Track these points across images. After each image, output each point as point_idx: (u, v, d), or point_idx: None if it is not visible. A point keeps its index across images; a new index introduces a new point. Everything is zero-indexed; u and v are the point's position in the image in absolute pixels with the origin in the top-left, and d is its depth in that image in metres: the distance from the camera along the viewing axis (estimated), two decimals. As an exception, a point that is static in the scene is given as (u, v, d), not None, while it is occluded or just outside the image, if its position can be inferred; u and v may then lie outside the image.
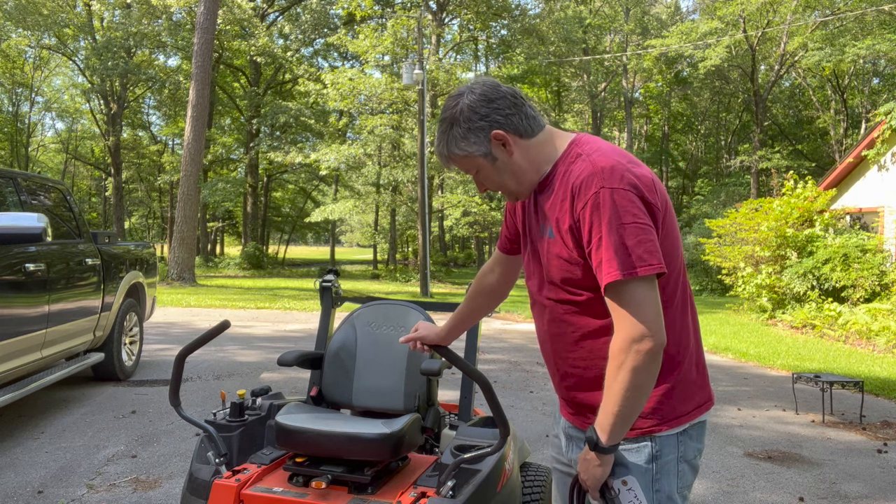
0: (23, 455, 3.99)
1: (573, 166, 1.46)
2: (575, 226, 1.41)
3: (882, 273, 10.85)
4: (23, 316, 4.28)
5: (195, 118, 18.68)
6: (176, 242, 19.00)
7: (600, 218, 1.36)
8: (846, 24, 24.53)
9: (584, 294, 1.46)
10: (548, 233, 1.49)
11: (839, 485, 3.89)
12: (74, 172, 41.04)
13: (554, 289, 1.51)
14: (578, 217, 1.40)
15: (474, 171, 1.53)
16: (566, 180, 1.45)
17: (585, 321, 1.48)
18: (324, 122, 29.61)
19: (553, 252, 1.48)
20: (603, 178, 1.37)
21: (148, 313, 6.94)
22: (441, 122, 1.53)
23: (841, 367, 7.62)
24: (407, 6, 28.43)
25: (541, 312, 1.58)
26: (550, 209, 1.48)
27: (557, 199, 1.46)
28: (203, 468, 2.48)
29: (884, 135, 12.31)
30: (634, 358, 1.34)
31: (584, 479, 1.45)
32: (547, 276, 1.51)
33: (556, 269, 1.48)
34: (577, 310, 1.48)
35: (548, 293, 1.53)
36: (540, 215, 1.54)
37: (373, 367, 2.85)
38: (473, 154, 1.50)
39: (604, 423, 1.39)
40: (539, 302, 1.58)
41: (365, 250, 64.00)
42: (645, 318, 1.34)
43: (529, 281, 1.63)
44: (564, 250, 1.45)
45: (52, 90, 37.12)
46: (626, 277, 1.32)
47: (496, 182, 1.53)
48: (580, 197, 1.39)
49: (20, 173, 5.10)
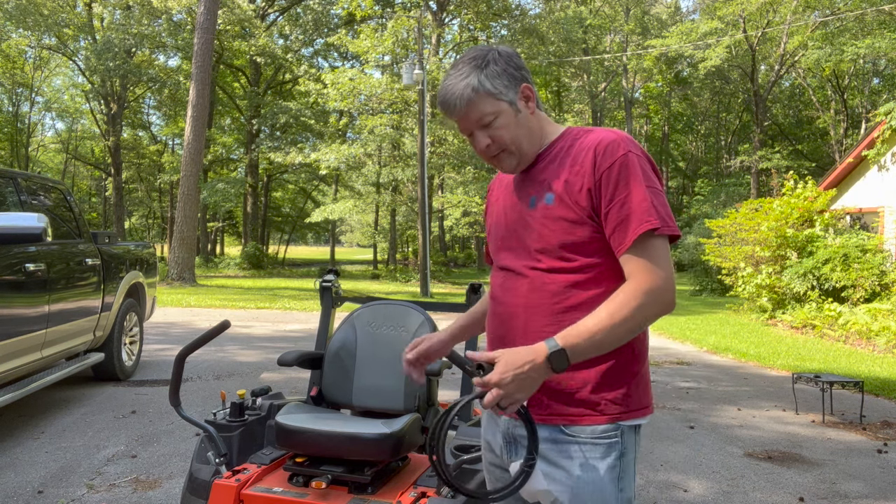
0: (23, 455, 3.99)
1: (586, 137, 1.47)
2: (595, 185, 1.40)
3: (882, 273, 10.85)
4: (23, 316, 4.28)
5: (195, 118, 18.68)
6: (176, 242, 18.99)
7: (629, 176, 1.38)
8: (846, 24, 24.53)
9: (579, 260, 1.42)
10: (545, 199, 1.46)
11: (839, 485, 3.89)
12: (74, 172, 41.03)
13: (544, 256, 1.45)
14: (602, 175, 1.39)
15: (492, 118, 1.45)
16: (579, 146, 1.45)
17: (572, 292, 1.43)
18: (324, 122, 29.61)
19: (553, 216, 1.44)
20: (629, 144, 1.42)
21: (148, 313, 6.94)
22: (470, 59, 1.47)
23: (841, 367, 7.62)
24: (407, 6, 28.42)
25: (514, 284, 1.49)
26: (551, 175, 1.47)
27: (564, 164, 1.45)
28: (203, 468, 2.48)
29: (884, 135, 12.31)
30: (644, 302, 1.34)
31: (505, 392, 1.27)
32: (536, 244, 1.46)
33: (555, 233, 1.43)
34: (567, 279, 1.43)
35: (534, 262, 1.47)
36: (530, 186, 1.51)
37: (373, 367, 2.85)
38: (502, 96, 1.45)
39: (572, 335, 1.32)
40: (516, 272, 1.50)
41: (365, 250, 64.00)
42: (667, 273, 1.37)
43: (501, 254, 1.56)
44: (571, 212, 1.42)
45: (52, 90, 37.13)
46: (660, 230, 1.36)
47: (511, 135, 1.46)
48: (605, 157, 1.40)
49: (20, 173, 5.10)
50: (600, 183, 1.40)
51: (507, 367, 1.28)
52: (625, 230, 1.37)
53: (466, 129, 1.49)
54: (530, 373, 1.28)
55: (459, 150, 24.69)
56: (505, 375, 1.27)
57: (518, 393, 1.28)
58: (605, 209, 1.40)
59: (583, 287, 1.43)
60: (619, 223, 1.38)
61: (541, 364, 1.29)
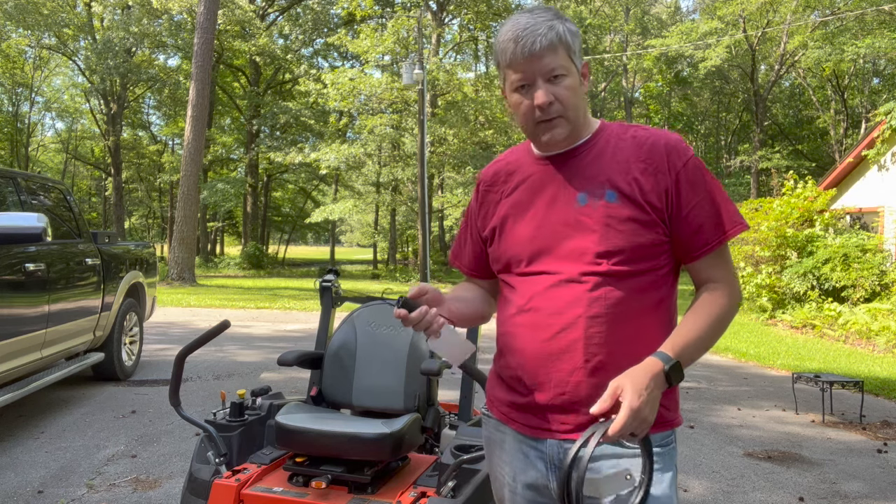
0: (23, 455, 3.99)
1: (641, 133, 1.39)
2: (673, 185, 1.33)
3: (882, 273, 10.84)
4: (23, 316, 4.28)
5: (195, 118, 18.67)
6: (176, 242, 18.99)
7: (704, 177, 1.36)
8: (846, 24, 24.53)
9: (644, 264, 1.32)
10: (605, 197, 1.33)
11: (839, 485, 3.89)
12: (74, 172, 41.04)
13: (606, 260, 1.31)
14: (678, 175, 1.33)
15: (563, 72, 1.31)
16: (636, 143, 1.37)
17: (637, 298, 1.33)
18: (324, 122, 29.61)
19: (620, 216, 1.31)
20: (689, 147, 1.38)
21: (148, 313, 6.94)
22: (548, 9, 1.36)
23: (841, 367, 7.62)
24: (407, 6, 28.42)
25: (565, 292, 1.33)
26: (606, 171, 1.35)
27: (620, 160, 1.35)
28: (203, 468, 2.48)
29: (884, 135, 12.31)
30: (734, 308, 1.35)
31: (631, 422, 1.16)
32: (598, 247, 1.32)
33: (623, 235, 1.30)
34: (632, 284, 1.32)
35: (591, 266, 1.32)
36: (576, 181, 1.37)
37: (373, 366, 2.85)
38: (575, 58, 1.35)
39: (680, 345, 1.27)
40: (566, 278, 1.34)
41: (365, 250, 63.99)
42: (737, 277, 1.40)
43: (537, 258, 1.38)
44: (643, 212, 1.31)
45: (52, 90, 37.11)
46: (736, 233, 1.36)
47: (573, 99, 1.33)
48: (678, 156, 1.34)
49: (20, 173, 5.10)
50: (677, 183, 1.33)
51: (637, 390, 1.18)
52: (710, 233, 1.34)
53: (530, 77, 1.32)
54: (655, 391, 1.21)
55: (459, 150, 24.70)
56: (640, 399, 1.17)
57: (651, 415, 1.20)
58: (685, 211, 1.33)
59: (646, 293, 1.34)
60: (701, 226, 1.33)
61: (662, 381, 1.23)
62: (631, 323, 1.32)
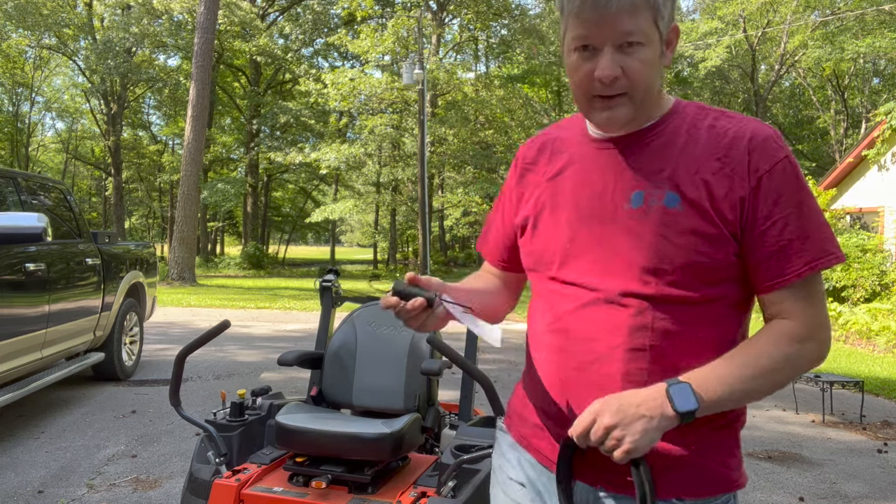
0: (23, 455, 3.99)
1: (723, 121, 1.11)
2: (751, 193, 1.05)
3: (882, 273, 10.85)
4: (23, 316, 4.28)
5: (195, 118, 18.68)
6: (176, 242, 19.00)
7: (797, 187, 1.06)
8: (846, 24, 24.53)
9: (703, 290, 1.06)
10: (663, 200, 1.07)
11: (839, 485, 3.89)
12: (74, 172, 41.04)
13: (655, 280, 1.06)
14: (761, 181, 1.05)
15: (639, 40, 1.04)
16: (715, 134, 1.09)
17: (689, 333, 1.07)
18: (324, 122, 29.62)
19: (681, 226, 1.05)
20: (784, 146, 1.10)
21: (148, 313, 6.94)
22: None
23: (841, 367, 7.62)
24: (407, 6, 28.42)
25: (603, 315, 1.09)
26: (672, 165, 1.09)
27: (691, 154, 1.08)
28: (203, 468, 2.48)
29: (884, 134, 12.31)
30: (800, 352, 1.06)
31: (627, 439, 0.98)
32: (647, 261, 1.06)
33: (682, 251, 1.05)
34: (684, 314, 1.06)
35: (638, 285, 1.07)
36: (632, 174, 1.11)
37: (373, 366, 2.85)
38: (661, 22, 1.06)
39: (711, 382, 1.02)
40: (604, 297, 1.09)
41: (365, 250, 64.00)
42: (827, 316, 1.10)
43: (568, 263, 1.14)
44: (710, 225, 1.05)
45: (52, 90, 37.12)
46: (827, 265, 1.06)
47: (647, 75, 1.06)
48: (765, 156, 1.06)
49: (20, 173, 5.10)
50: (758, 191, 1.05)
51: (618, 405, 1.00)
52: (790, 260, 1.05)
53: (597, 38, 1.04)
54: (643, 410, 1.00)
55: (459, 150, 24.69)
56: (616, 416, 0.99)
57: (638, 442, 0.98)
58: (762, 227, 1.05)
59: (704, 326, 1.08)
60: (782, 249, 1.05)
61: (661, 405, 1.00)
62: (682, 362, 1.06)
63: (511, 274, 1.35)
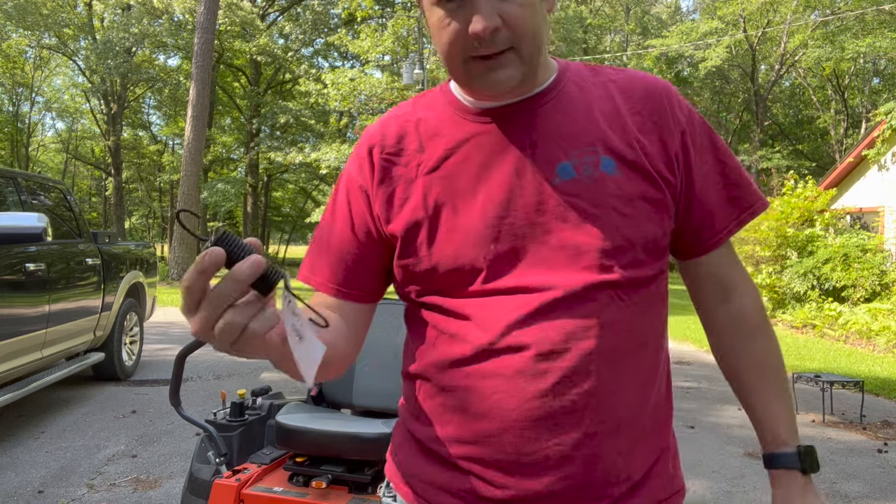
0: (23, 455, 3.99)
1: (612, 73, 0.97)
2: (682, 147, 0.93)
3: (882, 273, 10.85)
4: (23, 316, 4.28)
5: (195, 118, 18.68)
6: (176, 242, 19.01)
7: (713, 135, 0.97)
8: (846, 24, 24.54)
9: (655, 266, 0.92)
10: (600, 167, 0.88)
11: (839, 485, 3.89)
12: (74, 172, 41.04)
13: (616, 261, 0.87)
14: (684, 133, 0.93)
15: None
16: (621, 86, 0.95)
17: (647, 317, 0.92)
18: (324, 122, 29.63)
19: (630, 193, 0.88)
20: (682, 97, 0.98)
21: (148, 313, 6.95)
22: None
23: (841, 367, 7.62)
24: (407, 6, 28.42)
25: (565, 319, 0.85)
26: (591, 128, 0.90)
27: (608, 112, 0.92)
28: (203, 468, 2.48)
29: (884, 134, 12.31)
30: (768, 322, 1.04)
31: None
32: (603, 241, 0.86)
33: (637, 222, 0.88)
34: (643, 297, 0.90)
35: (599, 273, 0.86)
36: (554, 142, 0.90)
37: (373, 366, 2.85)
38: None
39: (788, 421, 0.99)
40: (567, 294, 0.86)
41: (365, 250, 63.92)
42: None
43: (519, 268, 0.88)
44: (655, 188, 0.90)
45: (52, 90, 37.13)
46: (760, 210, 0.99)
47: (532, 22, 0.84)
48: (681, 107, 0.95)
49: (20, 173, 5.11)
50: (686, 145, 0.93)
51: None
52: (728, 213, 0.97)
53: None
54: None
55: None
56: None
57: None
58: (699, 183, 0.94)
59: (655, 309, 0.93)
60: (719, 203, 0.96)
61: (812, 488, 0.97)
62: (638, 356, 0.91)
63: (356, 306, 0.98)
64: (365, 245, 0.97)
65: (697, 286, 1.03)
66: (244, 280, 0.62)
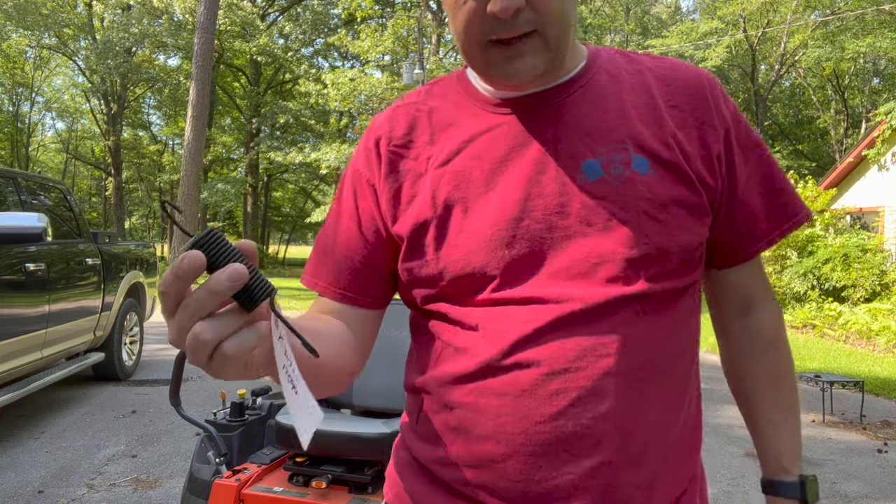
0: (23, 455, 3.99)
1: (648, 60, 0.87)
2: (726, 147, 0.83)
3: (882, 273, 10.85)
4: (23, 316, 4.28)
5: (195, 118, 18.68)
6: (176, 242, 19.01)
7: (757, 137, 0.88)
8: (846, 24, 24.54)
9: (688, 277, 0.82)
10: (632, 167, 0.79)
11: (839, 485, 3.89)
12: (74, 172, 41.05)
13: (643, 272, 0.78)
14: (727, 132, 0.83)
15: None
16: (657, 75, 0.85)
17: (675, 334, 0.82)
18: (324, 122, 29.65)
19: (659, 197, 0.78)
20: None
21: (148, 313, 6.95)
22: None
23: (841, 367, 7.62)
24: (407, 6, 28.44)
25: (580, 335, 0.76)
26: (625, 121, 0.81)
27: (641, 105, 0.82)
28: (203, 468, 2.48)
29: (884, 134, 12.32)
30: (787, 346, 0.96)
31: None
32: (630, 250, 0.77)
33: (665, 230, 0.78)
34: (673, 312, 0.81)
35: (622, 285, 0.77)
36: (580, 138, 0.81)
37: (373, 366, 2.85)
38: None
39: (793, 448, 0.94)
40: (585, 308, 0.76)
41: (365, 250, 63.93)
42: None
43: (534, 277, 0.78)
44: (693, 191, 0.80)
45: (52, 90, 37.13)
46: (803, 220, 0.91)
47: (561, 8, 0.77)
48: (726, 102, 0.85)
49: (20, 173, 5.11)
50: (730, 144, 0.83)
51: None
52: (771, 222, 0.88)
53: None
54: None
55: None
56: None
57: None
58: (741, 187, 0.85)
59: (684, 324, 0.83)
60: (762, 210, 0.87)
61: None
62: (665, 376, 0.81)
63: (362, 312, 0.90)
64: (373, 245, 0.88)
65: (718, 297, 0.96)
66: (220, 292, 0.53)
